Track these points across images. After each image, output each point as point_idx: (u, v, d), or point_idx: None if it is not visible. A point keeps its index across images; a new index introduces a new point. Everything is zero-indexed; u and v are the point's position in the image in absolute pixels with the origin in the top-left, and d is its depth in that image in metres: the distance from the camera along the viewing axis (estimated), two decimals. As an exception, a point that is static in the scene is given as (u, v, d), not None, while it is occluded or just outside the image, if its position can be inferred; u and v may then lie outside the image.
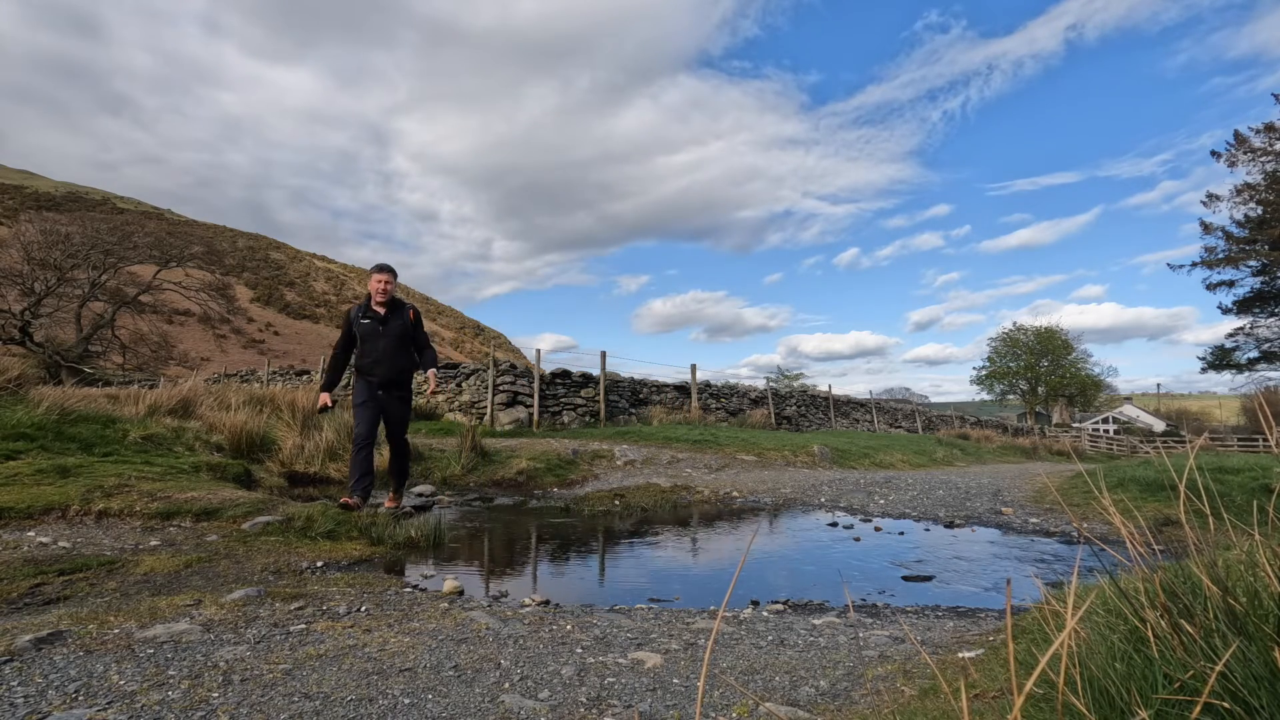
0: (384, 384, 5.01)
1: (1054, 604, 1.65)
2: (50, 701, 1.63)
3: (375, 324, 5.00)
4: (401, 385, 5.13)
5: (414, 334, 5.13)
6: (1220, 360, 39.51)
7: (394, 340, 5.00)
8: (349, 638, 2.20)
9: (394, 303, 5.09)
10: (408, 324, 5.09)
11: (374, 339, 5.00)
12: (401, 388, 5.14)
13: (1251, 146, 35.45)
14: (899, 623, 2.75)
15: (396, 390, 5.11)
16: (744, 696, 1.80)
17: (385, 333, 4.99)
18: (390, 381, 5.03)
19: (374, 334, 5.00)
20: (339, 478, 6.68)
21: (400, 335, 5.03)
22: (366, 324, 5.01)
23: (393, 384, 5.05)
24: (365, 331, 5.01)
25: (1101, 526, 5.27)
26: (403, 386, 5.16)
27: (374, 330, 5.00)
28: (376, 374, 4.98)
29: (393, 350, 5.00)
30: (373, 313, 5.01)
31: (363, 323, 5.01)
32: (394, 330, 5.01)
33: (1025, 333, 56.08)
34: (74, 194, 71.13)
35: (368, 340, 5.00)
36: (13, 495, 3.97)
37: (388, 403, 5.06)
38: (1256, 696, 0.92)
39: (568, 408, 13.19)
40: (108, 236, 29.13)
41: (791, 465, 10.21)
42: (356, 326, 5.02)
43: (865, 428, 21.53)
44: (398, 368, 5.05)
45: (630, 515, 5.84)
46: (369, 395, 5.00)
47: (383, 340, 4.99)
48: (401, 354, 5.05)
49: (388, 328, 5.00)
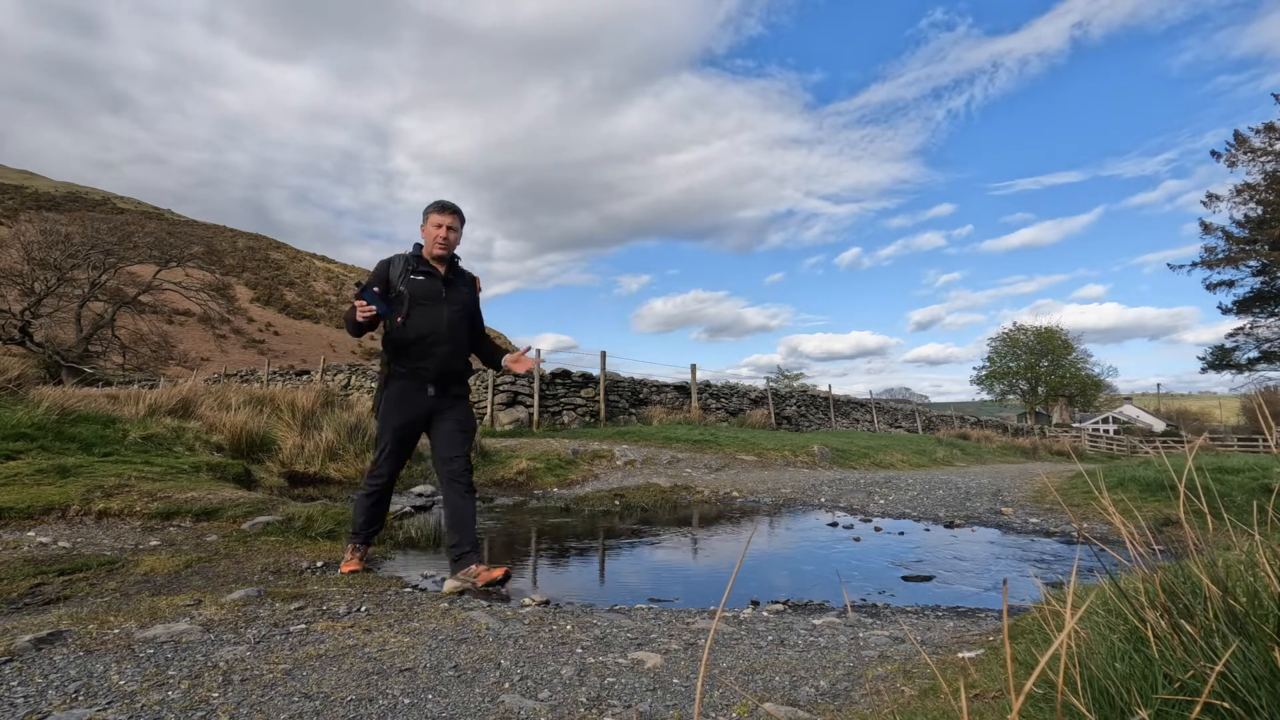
0: (440, 379, 3.36)
1: (1054, 604, 1.65)
2: (50, 701, 1.63)
3: (434, 283, 3.34)
4: (463, 383, 3.53)
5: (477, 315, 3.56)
6: (1220, 360, 39.54)
7: (459, 315, 3.40)
8: (349, 638, 2.20)
9: (455, 261, 3.50)
10: (474, 297, 3.54)
11: (431, 305, 3.31)
12: (462, 387, 3.53)
13: (1251, 146, 35.47)
14: (899, 623, 2.75)
15: (456, 389, 3.46)
16: (744, 697, 1.80)
17: (449, 298, 3.38)
18: (450, 376, 3.41)
19: (433, 296, 3.32)
20: (339, 478, 6.68)
21: (467, 311, 3.44)
22: (420, 280, 3.31)
23: (453, 380, 3.43)
24: (419, 290, 3.29)
25: (1101, 526, 5.27)
26: (464, 385, 3.56)
27: (433, 291, 3.33)
28: (430, 362, 3.31)
29: (458, 329, 3.38)
30: (430, 268, 3.37)
31: (414, 278, 3.30)
32: (459, 297, 3.42)
33: (1025, 333, 56.14)
34: (74, 194, 71.15)
35: (421, 306, 3.28)
36: (13, 495, 3.97)
37: (441, 410, 3.38)
38: (1256, 696, 0.92)
39: (568, 408, 13.19)
40: (108, 236, 29.15)
41: (791, 465, 10.21)
42: (405, 283, 3.29)
43: (865, 428, 21.53)
44: (463, 357, 3.46)
45: (630, 515, 5.84)
46: (409, 399, 3.33)
47: (445, 309, 3.33)
48: (465, 338, 3.45)
49: (452, 294, 3.39)
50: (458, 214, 3.42)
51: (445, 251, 3.38)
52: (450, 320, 3.34)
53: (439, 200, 3.41)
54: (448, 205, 3.40)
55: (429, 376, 3.32)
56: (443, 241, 3.35)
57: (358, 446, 7.24)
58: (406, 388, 3.34)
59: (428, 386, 3.34)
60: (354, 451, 7.16)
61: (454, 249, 3.44)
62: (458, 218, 3.41)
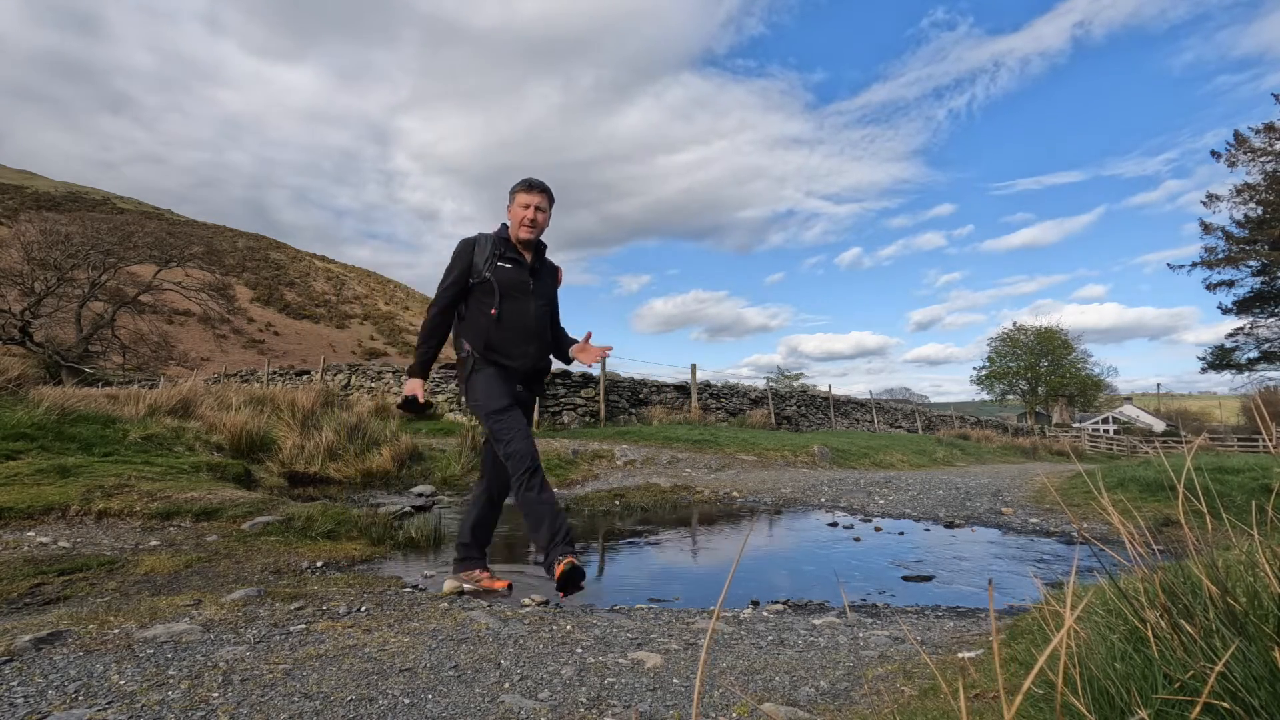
0: (528, 376, 3.14)
1: (1053, 604, 1.65)
2: (50, 701, 1.63)
3: (521, 272, 3.08)
4: (542, 382, 3.34)
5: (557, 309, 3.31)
6: (1220, 360, 39.57)
7: (545, 310, 3.15)
8: (349, 638, 2.20)
9: (541, 247, 3.22)
10: (556, 291, 3.29)
11: (520, 298, 3.05)
12: (541, 385, 3.36)
13: (1251, 147, 35.50)
14: (899, 623, 2.75)
15: (537, 388, 3.29)
16: (743, 697, 1.80)
17: (536, 290, 3.10)
18: (536, 375, 3.20)
19: (521, 287, 3.05)
20: (339, 478, 6.67)
21: (551, 306, 3.22)
22: (508, 269, 3.04)
23: (536, 380, 3.23)
24: (506, 280, 3.02)
25: (1101, 526, 5.27)
26: (542, 384, 3.38)
27: (520, 281, 3.06)
28: (521, 361, 3.06)
29: (543, 320, 3.14)
30: (516, 254, 3.09)
31: (502, 266, 3.04)
32: (545, 289, 3.16)
33: (1025, 333, 56.18)
34: (74, 194, 71.18)
35: (510, 297, 3.03)
36: (13, 495, 3.97)
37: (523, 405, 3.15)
38: (1256, 696, 0.92)
39: (568, 407, 13.19)
40: (108, 236, 29.17)
41: (791, 465, 10.21)
42: (492, 270, 3.02)
43: (865, 428, 21.53)
44: (548, 354, 3.22)
45: (630, 515, 5.84)
46: (508, 391, 3.04)
47: (533, 303, 3.08)
48: (549, 334, 3.20)
49: (539, 286, 3.12)
50: (547, 193, 3.10)
51: (532, 235, 3.08)
52: (537, 315, 3.09)
53: (526, 178, 3.10)
54: (535, 183, 3.08)
55: (518, 375, 3.08)
56: (530, 223, 3.05)
57: (358, 446, 7.24)
58: (499, 374, 3.03)
59: (516, 384, 3.10)
60: (354, 451, 7.16)
61: (542, 232, 3.14)
62: (546, 197, 3.09)
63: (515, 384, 3.07)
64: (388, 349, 58.20)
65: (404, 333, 63.78)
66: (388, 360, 42.13)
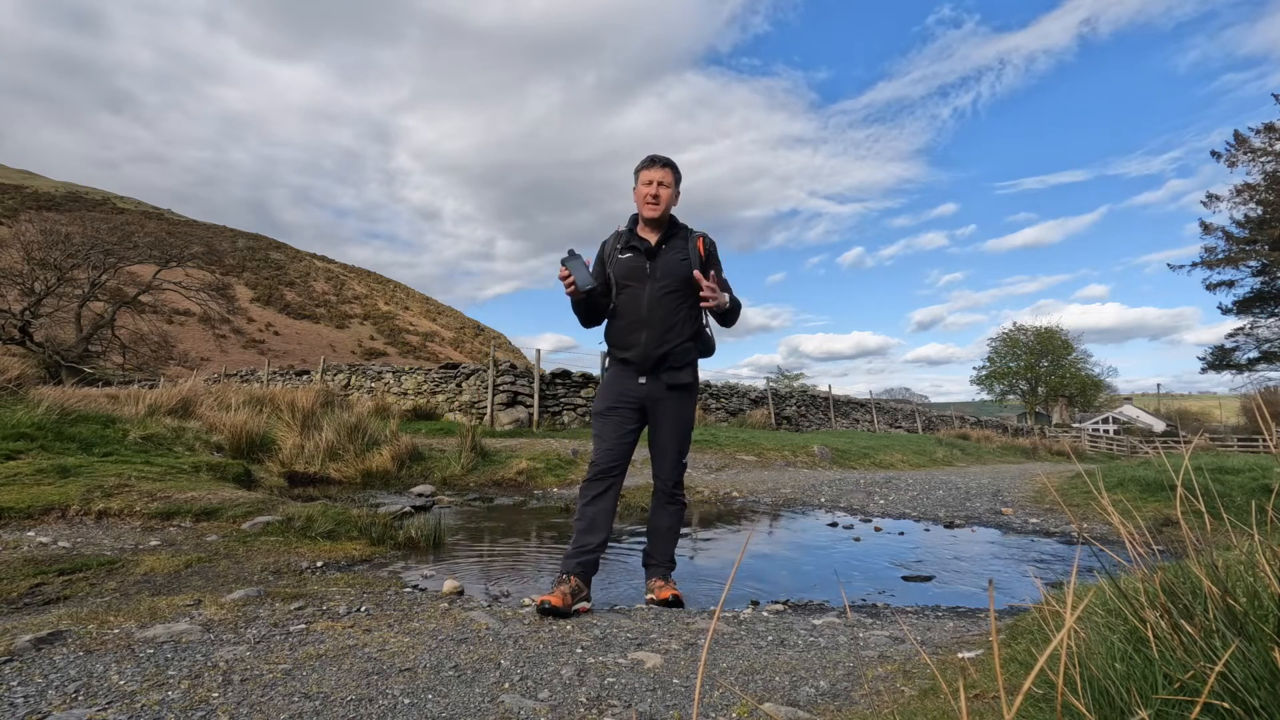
0: (648, 365, 2.91)
1: (1053, 604, 1.65)
2: (50, 701, 1.63)
3: (637, 259, 2.91)
4: (678, 367, 2.96)
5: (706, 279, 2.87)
6: (1220, 360, 39.59)
7: (664, 291, 2.89)
8: (349, 638, 2.20)
9: (672, 224, 2.99)
10: (695, 259, 2.92)
11: (634, 284, 2.91)
12: (682, 373, 2.97)
13: (1251, 147, 35.50)
14: (899, 623, 2.75)
15: (671, 378, 2.95)
16: (743, 697, 1.80)
17: (655, 272, 2.90)
18: (658, 360, 2.91)
19: (635, 274, 2.91)
20: (339, 478, 6.67)
21: (681, 276, 2.89)
22: (626, 259, 2.93)
23: (662, 365, 2.92)
24: (622, 272, 2.92)
25: (1101, 527, 5.27)
26: (684, 372, 2.98)
27: (635, 268, 2.91)
28: (634, 351, 2.90)
29: (663, 302, 2.89)
30: (638, 240, 2.94)
31: (621, 258, 2.93)
32: (669, 268, 2.90)
33: (1025, 333, 56.22)
34: (74, 193, 71.14)
35: (625, 288, 2.92)
36: (13, 495, 3.97)
37: (656, 402, 2.95)
38: (1256, 697, 0.92)
39: (568, 408, 13.19)
40: (108, 236, 29.18)
41: (791, 465, 10.22)
42: (612, 265, 2.95)
43: (865, 428, 21.52)
44: (676, 339, 2.92)
45: (630, 515, 5.84)
46: (618, 383, 2.96)
47: (647, 288, 2.89)
48: (679, 310, 2.92)
49: (659, 263, 2.90)
50: (670, 166, 2.93)
51: (656, 213, 2.90)
52: (651, 300, 2.87)
53: (649, 154, 2.95)
54: (657, 158, 2.92)
55: (636, 366, 2.93)
56: (652, 200, 2.89)
57: (358, 446, 7.24)
58: (618, 373, 3.00)
59: (638, 376, 2.94)
60: (354, 451, 7.16)
61: (668, 209, 2.95)
62: (670, 171, 2.92)
63: (636, 378, 2.95)
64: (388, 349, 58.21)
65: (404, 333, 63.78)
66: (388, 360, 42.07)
